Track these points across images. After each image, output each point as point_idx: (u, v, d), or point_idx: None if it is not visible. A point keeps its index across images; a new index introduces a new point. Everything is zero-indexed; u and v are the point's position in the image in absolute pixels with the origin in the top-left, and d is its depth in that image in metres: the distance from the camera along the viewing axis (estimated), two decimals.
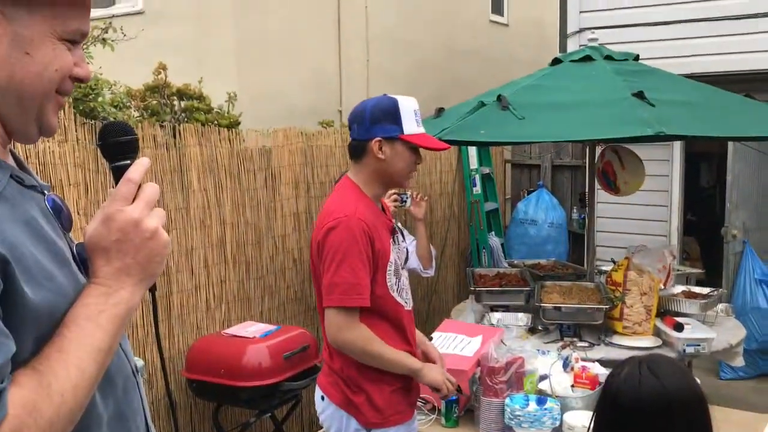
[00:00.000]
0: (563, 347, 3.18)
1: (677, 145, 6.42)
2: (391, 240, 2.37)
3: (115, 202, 1.02)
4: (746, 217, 5.89)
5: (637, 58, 4.20)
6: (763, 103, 3.89)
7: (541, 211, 6.90)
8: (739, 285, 5.74)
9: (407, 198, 4.05)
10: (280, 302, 4.45)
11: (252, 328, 3.72)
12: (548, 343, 3.73)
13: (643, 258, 3.81)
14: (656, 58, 4.82)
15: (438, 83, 8.64)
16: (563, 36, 6.62)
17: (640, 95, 3.39)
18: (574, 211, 7.23)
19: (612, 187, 4.33)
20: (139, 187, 1.04)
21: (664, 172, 6.59)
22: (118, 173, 1.06)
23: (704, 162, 8.66)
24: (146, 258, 1.02)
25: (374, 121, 2.27)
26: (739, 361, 5.46)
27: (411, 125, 2.29)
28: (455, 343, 3.04)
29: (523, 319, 4.02)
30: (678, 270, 4.52)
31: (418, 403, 2.67)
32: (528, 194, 7.19)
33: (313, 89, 7.56)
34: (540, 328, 3.92)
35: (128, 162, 1.07)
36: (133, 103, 4.31)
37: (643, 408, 1.39)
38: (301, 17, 7.49)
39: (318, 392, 2.44)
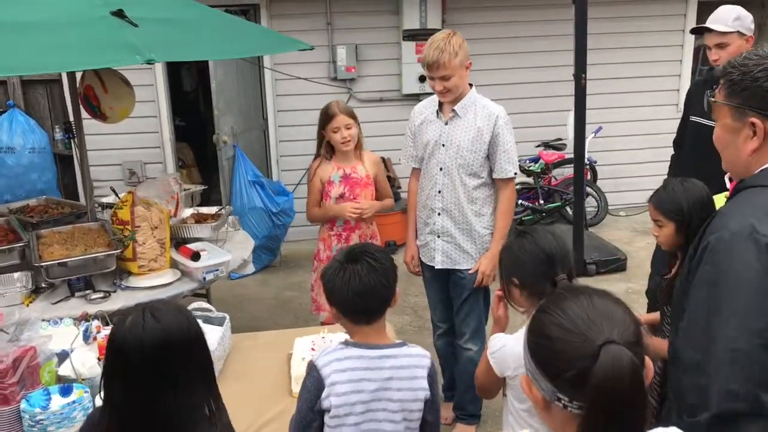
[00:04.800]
0: (80, 318, 2.78)
1: None
2: None
3: None
4: (233, 122, 6.08)
5: None
6: (238, 18, 3.89)
7: (18, 135, 5.97)
8: (235, 188, 5.99)
9: None
10: None
11: None
12: (58, 302, 3.27)
13: (148, 190, 3.56)
14: None
15: None
16: None
17: (120, 14, 2.98)
18: (57, 131, 6.47)
19: (98, 114, 3.87)
20: None
21: (149, 82, 6.35)
22: None
23: (184, 67, 8.66)
24: None
25: None
26: (250, 268, 5.81)
27: None
28: None
29: (21, 279, 3.43)
30: (184, 191, 4.41)
31: None
32: None
33: None
34: (44, 285, 3.40)
35: None
36: None
37: (144, 350, 1.48)
38: None
39: None
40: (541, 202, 6.79)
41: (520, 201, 6.63)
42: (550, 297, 1.25)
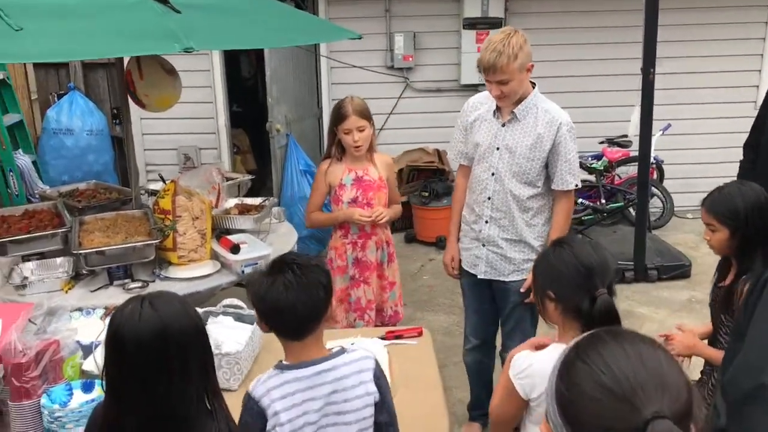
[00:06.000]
0: (108, 312, 2.73)
1: None
2: None
3: None
4: (287, 110, 6.01)
5: None
6: (287, 5, 3.78)
7: (77, 117, 6.07)
8: (286, 177, 5.93)
9: None
10: None
11: None
12: (97, 290, 3.27)
13: (191, 180, 3.52)
14: None
15: None
16: None
17: None
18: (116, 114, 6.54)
19: (137, 100, 3.81)
20: None
21: (205, 67, 6.34)
22: None
23: (242, 53, 8.64)
24: None
25: None
26: None
27: None
28: None
29: (64, 264, 3.44)
30: (229, 180, 4.35)
31: None
32: (59, 99, 6.24)
33: None
34: (85, 272, 3.39)
35: None
36: None
37: (141, 339, 1.50)
38: None
39: None
40: (603, 201, 6.48)
41: (580, 200, 6.35)
42: (588, 339, 1.05)
